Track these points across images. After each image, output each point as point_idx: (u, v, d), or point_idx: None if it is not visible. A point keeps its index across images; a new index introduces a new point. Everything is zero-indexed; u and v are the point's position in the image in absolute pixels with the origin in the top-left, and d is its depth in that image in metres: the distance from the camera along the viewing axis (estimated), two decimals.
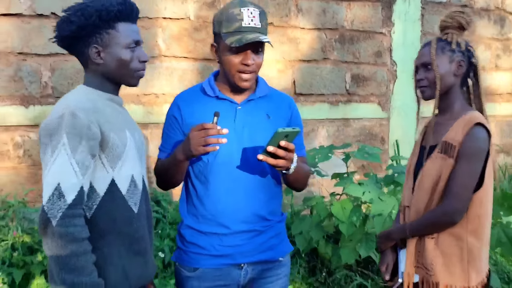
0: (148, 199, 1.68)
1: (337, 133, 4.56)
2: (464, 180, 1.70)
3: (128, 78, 1.59)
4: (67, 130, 1.40)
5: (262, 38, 1.65)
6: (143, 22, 3.86)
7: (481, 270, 1.77)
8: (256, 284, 1.82)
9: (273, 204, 1.83)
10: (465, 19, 1.82)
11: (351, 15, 4.55)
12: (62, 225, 1.37)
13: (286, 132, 1.57)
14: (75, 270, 1.39)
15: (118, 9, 1.52)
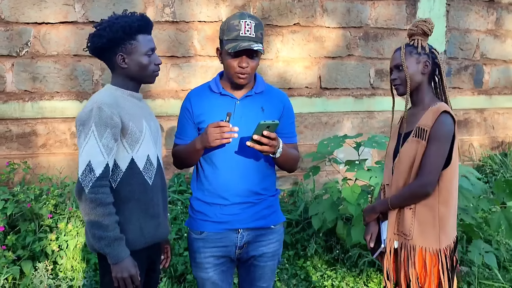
0: (163, 174, 2.11)
1: (361, 124, 4.87)
2: (434, 158, 2.03)
3: (147, 78, 2.05)
4: (95, 120, 1.85)
5: (254, 46, 2.05)
6: (180, 26, 4.35)
7: (449, 235, 2.09)
8: (251, 246, 2.22)
9: (266, 182, 2.22)
10: (427, 27, 2.14)
11: (375, 13, 4.83)
12: (92, 192, 1.83)
13: (267, 124, 1.95)
14: (102, 227, 1.84)
15: (138, 24, 1.97)
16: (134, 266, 1.89)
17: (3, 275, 3.25)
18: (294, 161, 2.24)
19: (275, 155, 2.05)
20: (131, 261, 1.89)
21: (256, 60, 2.12)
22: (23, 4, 4.04)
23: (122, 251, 1.87)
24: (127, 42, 1.96)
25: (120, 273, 1.87)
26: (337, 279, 3.70)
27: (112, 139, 1.88)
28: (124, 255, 1.87)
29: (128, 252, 1.90)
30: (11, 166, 3.89)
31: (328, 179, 4.67)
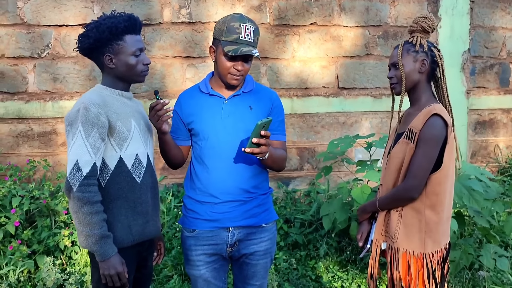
0: (153, 172, 2.14)
1: (380, 124, 4.80)
2: (420, 162, 1.98)
3: (135, 77, 2.07)
4: (82, 120, 1.89)
5: (253, 52, 2.08)
6: (196, 26, 4.40)
7: (438, 241, 2.03)
8: (243, 244, 2.23)
9: (256, 180, 2.23)
10: (427, 23, 2.09)
11: (395, 11, 4.75)
12: (79, 191, 1.87)
13: (264, 123, 1.97)
14: (89, 224, 1.88)
15: (124, 25, 1.99)
16: (121, 264, 1.92)
17: (18, 269, 3.37)
18: (282, 161, 2.24)
19: (264, 157, 2.06)
20: (118, 259, 1.92)
21: (250, 64, 2.17)
22: (44, 7, 4.19)
23: (109, 249, 1.90)
24: (114, 43, 1.99)
25: (107, 270, 1.90)
26: (348, 280, 3.66)
27: (99, 138, 1.92)
28: (111, 253, 1.91)
29: (115, 249, 1.93)
30: (31, 163, 4.03)
31: (344, 180, 4.62)
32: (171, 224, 4.05)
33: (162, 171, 4.46)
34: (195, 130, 2.19)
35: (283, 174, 4.64)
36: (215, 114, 2.17)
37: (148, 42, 4.35)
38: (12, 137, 4.25)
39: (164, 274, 3.63)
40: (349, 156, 4.65)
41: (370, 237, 2.27)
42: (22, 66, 4.23)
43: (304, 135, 4.67)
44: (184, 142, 2.27)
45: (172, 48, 4.39)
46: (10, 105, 4.22)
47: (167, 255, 3.79)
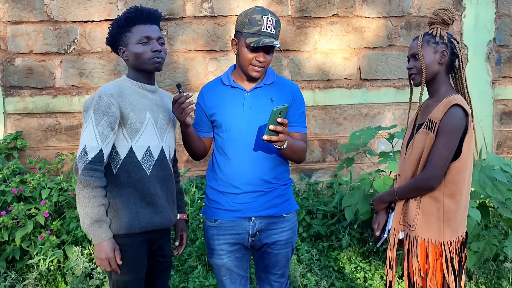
0: (166, 165, 2.18)
1: (403, 115, 4.77)
2: (441, 152, 1.99)
3: (144, 65, 2.08)
4: (94, 108, 1.98)
5: (275, 43, 2.11)
6: (218, 20, 4.44)
7: (456, 230, 2.05)
8: (264, 234, 2.27)
9: (277, 171, 2.26)
10: (447, 15, 2.09)
11: (418, 2, 4.70)
12: (83, 174, 1.95)
13: (279, 109, 1.98)
14: (86, 207, 1.96)
15: (127, 17, 2.06)
16: (112, 250, 1.99)
17: (48, 258, 3.48)
18: (301, 152, 2.26)
19: (283, 147, 2.08)
20: (110, 244, 1.98)
21: (271, 56, 2.19)
22: (70, 4, 4.28)
23: (102, 233, 1.97)
24: (123, 35, 2.08)
25: (99, 253, 1.98)
26: (370, 271, 3.67)
27: (108, 127, 1.99)
28: (104, 237, 1.97)
29: (110, 235, 1.99)
30: (59, 156, 4.14)
31: (366, 171, 4.62)
32: (195, 216, 4.11)
33: (186, 163, 4.53)
34: (217, 122, 2.23)
35: (306, 166, 4.66)
36: (237, 106, 2.21)
37: (171, 36, 4.41)
38: (41, 131, 4.37)
39: (188, 264, 3.69)
40: (371, 147, 4.64)
41: (387, 227, 2.28)
42: (50, 61, 4.34)
43: (326, 127, 4.68)
44: (207, 134, 2.32)
45: (195, 42, 4.45)
46: (38, 100, 4.34)
47: (191, 245, 3.86)
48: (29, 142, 4.34)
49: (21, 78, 4.34)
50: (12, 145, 4.28)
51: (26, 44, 4.31)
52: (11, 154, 4.25)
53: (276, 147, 2.09)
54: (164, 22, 4.39)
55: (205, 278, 3.54)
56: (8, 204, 3.61)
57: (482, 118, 4.77)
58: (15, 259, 3.59)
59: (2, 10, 4.28)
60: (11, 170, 3.80)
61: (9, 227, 3.47)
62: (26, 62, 4.33)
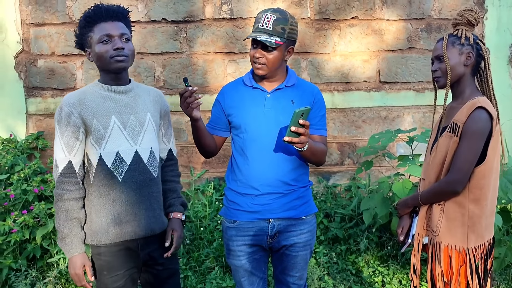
0: (145, 169, 2.05)
1: (423, 119, 4.72)
2: (465, 156, 1.96)
3: (108, 65, 1.96)
4: (57, 120, 1.97)
5: (259, 36, 2.09)
6: (237, 22, 4.45)
7: (481, 236, 2.01)
8: (282, 236, 2.27)
9: (296, 173, 2.25)
10: (473, 16, 2.06)
11: (439, 4, 4.65)
12: (56, 187, 1.96)
13: (302, 111, 1.98)
14: (59, 220, 1.96)
15: (86, 16, 1.98)
16: (81, 266, 1.95)
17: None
18: (321, 154, 2.25)
19: (303, 149, 2.08)
20: (79, 260, 1.95)
21: (274, 53, 2.14)
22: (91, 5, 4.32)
23: (72, 248, 1.94)
24: (86, 36, 2.00)
25: (70, 268, 1.97)
26: (388, 275, 3.64)
27: (72, 137, 1.95)
28: (74, 252, 1.94)
29: (80, 250, 1.95)
30: None
31: (385, 175, 4.58)
32: (212, 217, 4.13)
33: (204, 165, 4.54)
34: (237, 122, 2.24)
35: (324, 169, 4.64)
36: (257, 107, 2.21)
37: (191, 38, 4.44)
38: None
39: (206, 265, 3.71)
40: (390, 151, 4.60)
41: (410, 232, 2.26)
42: (71, 63, 4.40)
43: (345, 129, 4.66)
44: (222, 133, 2.33)
45: (214, 44, 4.46)
46: (59, 100, 4.40)
47: (208, 247, 3.87)
48: (50, 142, 4.40)
49: (43, 79, 4.40)
50: (34, 145, 4.34)
51: (48, 46, 4.38)
52: (33, 154, 4.31)
53: (296, 149, 2.09)
54: (184, 24, 4.41)
55: (222, 280, 3.55)
56: (29, 203, 3.66)
57: (504, 122, 4.69)
58: (36, 258, 3.64)
59: (26, 12, 4.35)
60: (33, 170, 3.86)
61: (30, 226, 3.52)
62: (48, 63, 4.40)
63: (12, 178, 3.72)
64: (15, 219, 3.50)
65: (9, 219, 3.46)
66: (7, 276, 3.48)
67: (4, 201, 3.68)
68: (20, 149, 4.22)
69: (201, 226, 4.02)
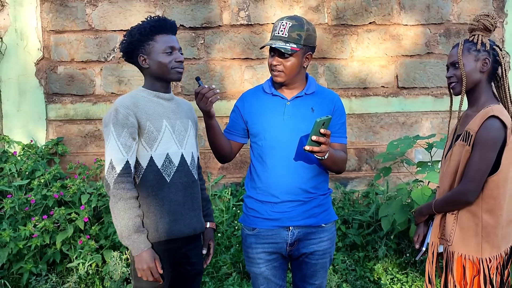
0: (188, 172, 2.18)
1: (442, 124, 4.67)
2: (477, 165, 1.93)
3: (168, 75, 2.11)
4: (113, 122, 2.00)
5: (274, 44, 2.11)
6: (254, 28, 4.47)
7: (496, 246, 1.97)
8: (302, 244, 2.26)
9: (316, 180, 2.24)
10: (489, 21, 2.02)
11: (458, 8, 4.61)
12: (114, 188, 1.98)
13: (323, 120, 1.98)
14: (123, 219, 1.99)
15: (152, 25, 2.08)
16: (153, 259, 2.00)
17: (87, 262, 3.56)
18: (341, 162, 2.25)
19: (324, 157, 2.07)
20: (150, 254, 2.00)
21: (291, 60, 2.16)
22: (110, 13, 4.38)
23: (141, 244, 2.00)
24: (145, 44, 2.09)
25: (140, 264, 2.00)
26: (407, 283, 3.61)
27: (130, 138, 2.02)
28: (144, 248, 2.00)
29: (149, 245, 2.02)
30: (98, 162, 4.23)
31: (403, 181, 4.54)
32: (230, 223, 4.13)
33: (221, 170, 4.55)
34: (256, 129, 2.24)
35: (341, 175, 4.61)
36: (277, 114, 2.21)
37: (208, 44, 4.46)
38: (81, 137, 4.48)
39: (223, 271, 3.71)
40: (409, 157, 4.57)
41: (426, 240, 2.24)
42: (90, 69, 4.45)
43: (362, 135, 4.63)
44: (238, 138, 2.34)
45: (231, 50, 4.48)
46: (79, 106, 4.45)
47: (226, 252, 3.87)
48: (69, 148, 4.45)
49: (63, 85, 4.46)
50: (54, 151, 4.40)
51: (68, 53, 4.44)
52: (53, 160, 4.37)
53: (317, 158, 2.08)
54: (201, 31, 4.44)
55: (240, 286, 3.55)
56: (49, 208, 3.70)
57: None
58: (56, 262, 3.68)
59: (46, 19, 4.42)
60: (52, 175, 3.91)
61: (50, 231, 3.56)
62: (68, 70, 4.45)
63: (33, 184, 3.77)
64: (35, 224, 3.55)
65: (30, 224, 3.50)
66: (27, 281, 3.52)
67: (24, 206, 3.73)
68: (40, 155, 4.28)
69: (219, 232, 4.03)
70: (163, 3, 4.39)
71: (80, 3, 4.40)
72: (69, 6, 4.40)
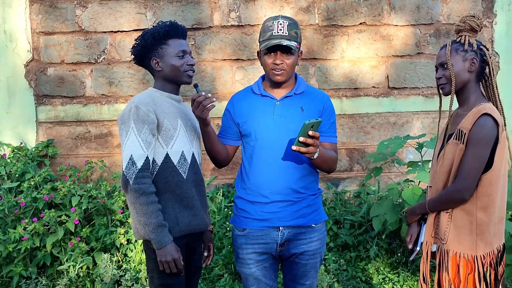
0: (198, 170, 2.26)
1: (432, 124, 4.69)
2: (471, 163, 1.95)
3: (180, 78, 2.19)
4: (133, 118, 2.03)
5: (284, 42, 2.11)
6: (245, 29, 4.47)
7: (490, 243, 1.99)
8: (292, 244, 2.26)
9: (306, 180, 2.25)
10: (475, 22, 2.05)
11: (448, 9, 4.64)
12: (136, 183, 1.99)
13: (312, 123, 1.98)
14: (146, 214, 2.01)
15: (165, 30, 2.14)
16: (177, 251, 2.04)
17: (78, 264, 3.54)
18: (332, 162, 2.25)
19: (313, 157, 2.07)
20: (174, 246, 2.04)
21: (292, 58, 2.17)
22: (101, 14, 4.37)
23: (165, 237, 2.03)
24: (158, 47, 2.15)
25: (164, 257, 2.02)
26: (399, 282, 3.62)
27: (150, 134, 2.05)
28: (168, 240, 2.03)
29: (171, 238, 2.05)
30: (89, 164, 4.21)
31: (394, 181, 4.56)
32: (221, 224, 4.12)
33: (212, 171, 4.55)
34: (247, 130, 2.24)
35: (333, 175, 4.62)
36: (267, 114, 2.21)
37: (199, 45, 4.45)
38: (71, 139, 4.45)
39: (215, 272, 3.70)
40: (399, 157, 4.58)
41: (419, 239, 2.25)
42: (80, 71, 4.43)
43: (353, 135, 4.64)
44: (232, 141, 2.33)
45: (222, 51, 4.48)
46: (69, 108, 4.43)
47: (217, 253, 3.87)
48: (60, 150, 4.43)
49: (53, 87, 4.44)
50: (44, 153, 4.37)
51: (58, 54, 4.41)
52: (43, 162, 4.34)
53: (307, 157, 2.08)
54: (192, 32, 4.43)
55: (231, 287, 3.54)
56: (39, 210, 3.68)
57: None
58: (46, 265, 3.66)
59: (36, 21, 4.39)
60: (43, 178, 3.89)
61: (40, 233, 3.54)
62: (58, 71, 4.43)
63: (23, 186, 3.75)
64: (25, 226, 3.52)
65: (20, 227, 3.48)
66: (17, 284, 3.49)
67: (14, 209, 3.70)
68: (30, 157, 4.25)
69: None
70: (154, 4, 4.38)
71: (69, 4, 4.38)
72: (58, 7, 4.38)
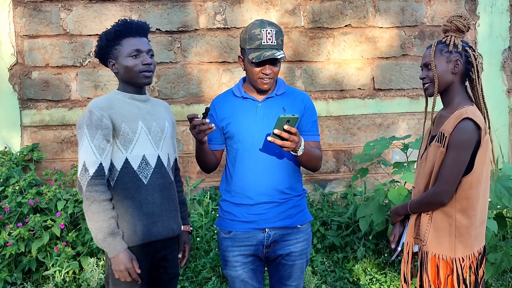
0: (166, 173, 2.18)
1: (418, 125, 4.73)
2: (451, 167, 1.95)
3: (136, 79, 2.10)
4: (87, 123, 1.99)
5: (277, 54, 2.11)
6: (231, 32, 4.47)
7: (469, 246, 2.00)
8: (278, 245, 2.26)
9: (291, 181, 2.25)
10: (462, 22, 2.04)
11: (432, 11, 4.69)
12: (87, 190, 1.96)
13: (287, 118, 1.95)
14: (97, 222, 1.97)
15: (116, 30, 2.08)
16: (130, 260, 1.99)
17: (64, 269, 3.51)
18: (317, 160, 2.25)
19: (297, 153, 2.08)
20: (127, 255, 1.99)
21: (278, 66, 2.20)
22: (86, 17, 4.34)
23: (117, 245, 1.98)
24: (113, 48, 2.09)
25: (117, 266, 1.98)
26: (386, 283, 3.63)
27: (104, 140, 2.00)
28: (120, 249, 1.99)
29: (125, 246, 2.00)
30: (74, 168, 4.18)
31: (381, 182, 4.58)
32: (209, 227, 4.12)
33: (199, 174, 4.54)
34: (230, 132, 2.24)
35: (320, 177, 4.64)
36: (249, 116, 2.21)
37: (185, 48, 4.45)
38: (57, 143, 4.42)
39: (202, 275, 3.69)
40: (386, 158, 4.61)
41: (402, 239, 2.27)
42: (65, 74, 4.40)
43: (340, 137, 4.66)
44: (219, 146, 2.33)
45: (208, 53, 4.48)
46: (54, 112, 4.39)
47: (205, 256, 3.86)
48: (45, 154, 4.39)
49: (37, 91, 4.40)
50: (29, 157, 4.33)
51: (42, 58, 4.38)
52: (28, 166, 4.30)
53: (292, 154, 2.09)
54: (178, 34, 4.43)
55: None
56: (24, 215, 3.64)
57: (498, 127, 4.71)
58: (32, 271, 3.62)
59: (20, 24, 4.36)
60: (28, 182, 3.85)
61: (25, 239, 3.51)
62: (42, 75, 4.39)
63: (7, 191, 3.71)
64: (10, 232, 3.49)
65: (4, 232, 3.44)
66: None
67: None
68: (15, 162, 4.21)
69: (198, 236, 4.01)
70: (139, 7, 4.37)
71: (54, 8, 4.35)
72: (43, 10, 4.35)
